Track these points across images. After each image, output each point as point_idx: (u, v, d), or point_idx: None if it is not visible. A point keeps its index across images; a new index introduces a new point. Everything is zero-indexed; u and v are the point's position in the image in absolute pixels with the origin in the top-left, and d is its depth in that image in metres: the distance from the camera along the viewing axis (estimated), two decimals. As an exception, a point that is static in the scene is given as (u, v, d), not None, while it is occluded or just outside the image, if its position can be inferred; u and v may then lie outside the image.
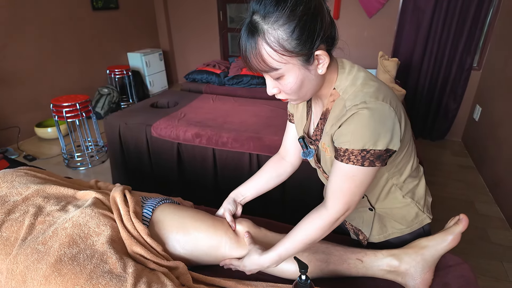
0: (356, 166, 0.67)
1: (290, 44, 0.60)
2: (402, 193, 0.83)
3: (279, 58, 0.61)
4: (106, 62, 4.09)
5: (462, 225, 0.79)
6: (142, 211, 0.93)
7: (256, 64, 0.64)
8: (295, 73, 0.64)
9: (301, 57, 0.62)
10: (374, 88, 0.67)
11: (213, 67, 3.13)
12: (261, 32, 0.60)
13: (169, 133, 1.98)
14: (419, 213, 0.86)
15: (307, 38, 0.60)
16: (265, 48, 0.61)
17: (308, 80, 0.67)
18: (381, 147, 0.65)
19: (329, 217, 0.73)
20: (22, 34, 3.08)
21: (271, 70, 0.64)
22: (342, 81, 0.71)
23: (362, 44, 3.58)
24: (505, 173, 2.17)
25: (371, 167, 0.67)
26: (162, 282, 0.73)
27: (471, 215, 2.13)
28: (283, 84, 0.67)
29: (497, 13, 2.71)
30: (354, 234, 0.97)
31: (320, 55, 0.63)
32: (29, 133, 3.28)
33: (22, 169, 1.10)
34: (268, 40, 0.60)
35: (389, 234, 0.90)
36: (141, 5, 4.49)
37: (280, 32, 0.59)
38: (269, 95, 0.72)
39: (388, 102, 0.66)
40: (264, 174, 1.01)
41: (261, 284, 0.81)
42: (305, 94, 0.70)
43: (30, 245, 0.77)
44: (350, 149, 0.67)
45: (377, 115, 0.64)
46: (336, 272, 0.86)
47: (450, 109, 3.09)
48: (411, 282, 0.82)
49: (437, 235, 0.82)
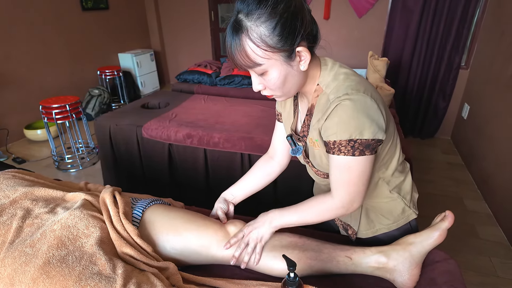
0: (348, 156, 0.70)
1: (272, 40, 0.63)
2: (389, 187, 0.85)
3: (262, 53, 0.64)
4: (97, 63, 4.05)
5: (448, 221, 0.81)
6: (132, 212, 0.93)
7: (240, 60, 0.66)
8: (278, 69, 0.67)
9: (283, 53, 0.65)
10: (355, 82, 0.71)
11: (205, 68, 3.12)
12: (244, 29, 0.63)
13: (160, 134, 1.97)
14: (405, 208, 0.88)
15: (288, 35, 0.63)
16: (248, 44, 0.64)
17: (291, 76, 0.69)
18: (367, 136, 0.68)
19: (332, 204, 0.78)
20: (11, 34, 3.04)
21: (255, 65, 0.66)
22: (325, 77, 0.74)
23: (352, 44, 3.61)
24: (493, 170, 2.21)
25: (362, 156, 0.69)
26: (152, 283, 0.73)
27: (460, 212, 2.17)
28: (267, 80, 0.69)
29: (483, 13, 2.77)
30: (343, 230, 0.99)
31: (302, 51, 0.66)
32: (18, 135, 3.23)
33: (9, 171, 1.08)
34: (251, 36, 0.63)
35: (377, 230, 0.91)
36: (131, 5, 4.46)
37: (263, 29, 0.62)
38: (255, 91, 0.74)
39: (369, 94, 0.69)
40: (253, 174, 1.04)
41: (251, 283, 0.81)
42: (289, 90, 0.73)
43: (18, 248, 0.76)
44: (338, 140, 0.69)
45: (359, 105, 0.67)
46: (326, 269, 0.87)
47: (439, 108, 3.14)
48: (399, 278, 0.84)
49: (424, 232, 0.84)
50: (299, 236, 0.93)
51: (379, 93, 0.74)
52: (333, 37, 3.65)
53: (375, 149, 0.71)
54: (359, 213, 0.91)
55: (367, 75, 2.59)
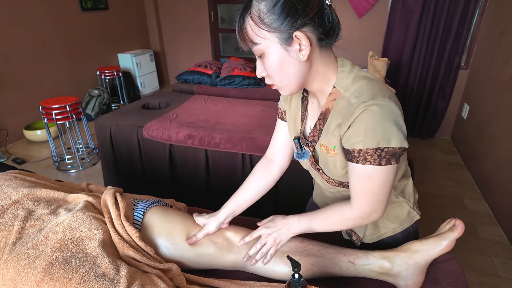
0: (374, 166, 0.66)
1: (268, 18, 0.62)
2: (395, 192, 0.84)
3: (258, 31, 0.64)
4: (96, 63, 4.04)
5: (457, 232, 0.78)
6: (133, 214, 0.92)
7: (241, 38, 0.67)
8: (274, 52, 0.65)
9: (278, 34, 0.63)
10: (379, 87, 0.66)
11: (205, 68, 3.12)
12: (249, 7, 0.64)
13: (161, 135, 1.97)
14: (410, 211, 0.87)
15: (286, 16, 0.61)
16: (248, 21, 0.64)
17: (288, 63, 0.66)
18: (394, 144, 0.64)
19: (353, 215, 0.75)
20: (10, 35, 3.03)
21: (252, 44, 0.66)
22: (343, 79, 0.69)
23: (352, 44, 3.61)
24: (493, 169, 2.22)
25: (388, 165, 0.66)
26: (156, 284, 0.73)
27: (461, 212, 2.17)
28: (266, 64, 0.68)
29: (483, 13, 2.77)
30: (347, 235, 0.96)
31: (300, 38, 0.63)
32: (17, 136, 3.22)
33: (11, 172, 1.08)
34: (252, 13, 0.63)
35: (382, 234, 0.90)
36: (131, 6, 4.45)
37: (262, 6, 0.62)
38: (259, 77, 0.73)
39: (393, 100, 0.66)
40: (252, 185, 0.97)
41: (255, 284, 0.81)
42: (289, 81, 0.69)
43: (21, 250, 0.76)
44: (364, 149, 0.65)
45: (387, 112, 0.63)
46: (328, 274, 0.87)
47: (439, 108, 3.14)
48: (403, 283, 0.83)
49: (431, 240, 0.80)
50: (301, 240, 0.91)
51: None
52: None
53: (399, 158, 0.68)
54: None
55: (367, 75, 2.59)
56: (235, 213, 0.95)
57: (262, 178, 0.97)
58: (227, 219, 0.94)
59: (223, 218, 0.93)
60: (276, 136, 0.95)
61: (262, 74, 0.71)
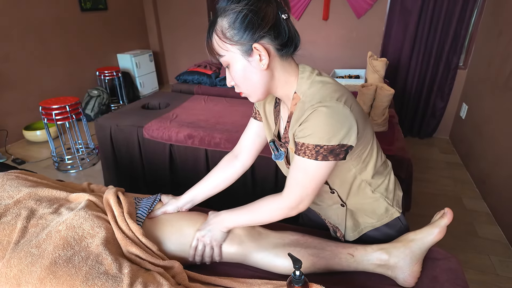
0: (310, 160, 0.72)
1: (229, 32, 0.69)
2: (372, 188, 0.87)
3: (222, 45, 0.71)
4: (96, 64, 4.05)
5: (447, 218, 0.83)
6: (136, 212, 0.94)
7: (209, 51, 0.74)
8: (237, 62, 0.72)
9: (239, 46, 0.70)
10: (331, 90, 0.72)
11: (204, 68, 3.13)
12: (214, 24, 0.71)
13: (161, 135, 1.98)
14: (388, 207, 0.90)
15: (245, 30, 0.68)
16: (214, 36, 0.72)
17: (250, 72, 0.73)
18: (334, 142, 0.69)
19: (282, 204, 0.80)
20: (9, 36, 3.03)
21: (219, 56, 0.73)
22: (302, 85, 0.76)
23: (351, 44, 3.62)
24: (492, 169, 2.23)
25: (324, 161, 0.71)
26: (158, 282, 0.74)
27: (459, 211, 2.18)
28: (232, 74, 0.75)
29: (481, 14, 2.79)
30: (333, 232, 1.01)
31: (259, 49, 0.70)
32: (17, 136, 3.22)
33: (13, 172, 1.08)
34: (216, 29, 0.71)
35: (362, 229, 0.94)
36: (130, 6, 4.46)
37: (224, 22, 0.69)
38: (229, 86, 0.79)
39: (343, 101, 0.70)
40: (214, 178, 1.03)
41: (256, 282, 0.82)
42: (254, 88, 0.76)
43: (24, 248, 0.76)
44: (306, 143, 0.71)
45: (332, 112, 0.69)
46: (328, 266, 0.88)
47: (438, 108, 3.16)
48: (401, 275, 0.85)
49: (424, 229, 0.85)
50: (302, 234, 0.94)
51: (354, 98, 0.76)
52: (332, 37, 3.67)
53: (340, 155, 0.72)
54: (344, 215, 0.92)
55: (367, 75, 2.60)
56: (194, 201, 1.03)
57: (224, 172, 1.03)
58: (185, 205, 1.02)
59: (181, 204, 1.01)
60: (245, 134, 1.01)
61: (231, 83, 0.78)
